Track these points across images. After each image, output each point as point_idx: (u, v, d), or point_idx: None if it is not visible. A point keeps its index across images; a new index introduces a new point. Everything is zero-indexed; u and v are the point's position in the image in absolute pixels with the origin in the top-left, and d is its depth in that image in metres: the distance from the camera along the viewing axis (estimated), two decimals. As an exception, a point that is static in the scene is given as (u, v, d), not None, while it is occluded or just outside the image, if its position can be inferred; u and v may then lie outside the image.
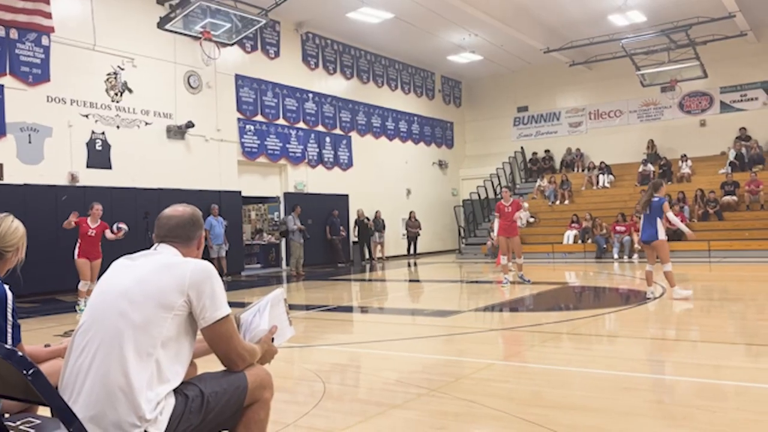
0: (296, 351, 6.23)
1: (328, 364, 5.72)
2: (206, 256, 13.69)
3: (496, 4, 16.87)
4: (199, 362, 2.64)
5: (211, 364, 2.48)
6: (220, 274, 9.39)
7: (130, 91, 13.85)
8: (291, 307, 9.32)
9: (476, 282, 13.09)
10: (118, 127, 13.61)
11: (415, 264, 18.87)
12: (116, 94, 13.61)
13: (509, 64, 22.73)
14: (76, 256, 9.55)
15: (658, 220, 8.54)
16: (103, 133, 13.34)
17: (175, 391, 2.22)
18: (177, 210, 2.54)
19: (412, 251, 21.26)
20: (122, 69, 13.71)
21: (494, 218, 11.50)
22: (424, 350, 6.27)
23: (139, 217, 12.42)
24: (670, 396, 4.27)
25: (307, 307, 9.87)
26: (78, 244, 9.62)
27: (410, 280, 14.93)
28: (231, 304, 2.37)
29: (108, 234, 9.71)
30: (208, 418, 2.28)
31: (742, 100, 20.49)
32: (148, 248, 2.48)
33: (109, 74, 13.50)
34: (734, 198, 17.57)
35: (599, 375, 4.87)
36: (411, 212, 21.41)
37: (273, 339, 2.59)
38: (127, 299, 2.23)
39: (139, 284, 2.26)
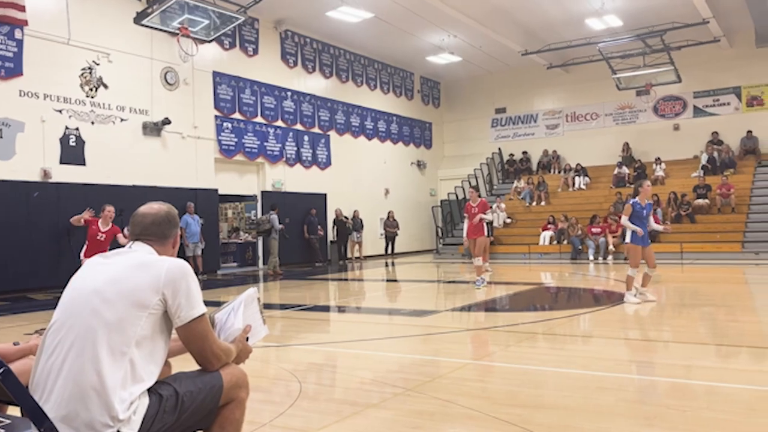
0: (272, 350, 6.21)
1: (305, 364, 5.70)
2: (182, 254, 13.57)
3: (474, 6, 16.97)
4: (174, 361, 2.61)
5: (186, 364, 2.46)
6: (196, 273, 9.29)
7: (106, 86, 13.65)
8: (268, 306, 9.22)
9: (453, 282, 13.15)
10: (92, 123, 13.41)
11: (393, 264, 18.89)
12: (91, 90, 13.41)
13: (488, 65, 22.87)
14: (82, 256, 9.34)
15: (622, 221, 8.69)
16: (77, 129, 13.13)
17: (150, 390, 2.20)
18: (152, 208, 2.52)
19: (389, 251, 21.28)
20: (97, 64, 13.51)
21: (465, 219, 11.35)
22: (400, 350, 6.29)
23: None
24: (642, 395, 4.34)
25: (284, 307, 9.82)
26: (86, 245, 9.41)
27: (387, 280, 14.94)
28: (206, 303, 2.35)
29: (121, 239, 9.22)
30: (183, 417, 2.26)
31: (714, 105, 20.86)
32: (123, 246, 2.45)
33: (83, 69, 13.30)
34: (706, 201, 17.88)
35: (574, 375, 4.92)
36: (389, 212, 21.43)
37: (247, 338, 2.58)
38: (100, 297, 2.21)
39: (113, 283, 2.24)
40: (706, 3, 16.19)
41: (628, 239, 8.60)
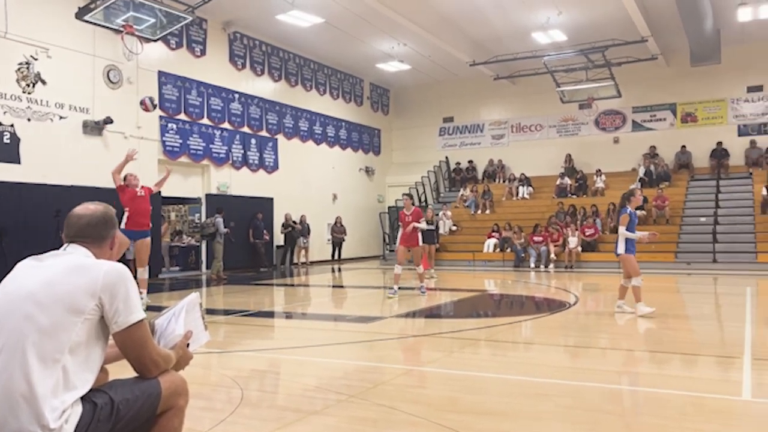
0: (214, 356, 6.09)
1: (247, 370, 5.62)
2: (121, 257, 13.18)
3: (424, 15, 17.16)
4: (113, 367, 2.54)
5: (125, 370, 2.39)
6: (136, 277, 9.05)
7: (44, 82, 13.15)
8: (210, 311, 9.04)
9: (399, 288, 13.18)
10: (29, 119, 12.89)
11: (339, 269, 18.84)
12: (28, 85, 12.90)
13: (436, 74, 23.14)
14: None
15: (620, 232, 8.25)
16: (11, 126, 12.60)
17: (83, 398, 2.14)
18: (88, 208, 2.44)
19: (336, 257, 21.22)
20: (35, 59, 13.00)
21: (400, 228, 11.16)
22: (344, 356, 6.27)
23: (49, 216, 11.82)
24: (580, 401, 4.45)
25: (228, 312, 9.66)
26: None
27: (333, 286, 14.89)
28: (148, 308, 2.29)
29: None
30: (118, 426, 2.20)
31: (651, 120, 21.69)
32: (58, 248, 2.37)
33: (20, 64, 12.78)
34: (643, 212, 18.52)
35: (515, 381, 5.02)
36: (337, 217, 21.38)
37: (188, 344, 2.53)
38: (33, 302, 2.12)
39: (48, 286, 2.16)
40: (645, 22, 16.85)
41: (621, 250, 8.25)
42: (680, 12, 15.91)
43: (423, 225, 11.05)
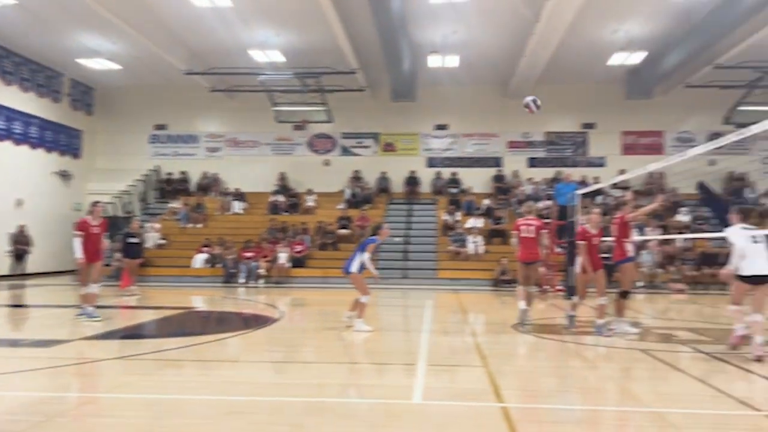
0: None
1: None
2: None
3: (138, 15, 16.14)
4: None
5: None
6: None
7: None
8: None
9: (97, 307, 11.99)
10: None
11: (21, 286, 16.45)
12: None
13: (149, 78, 21.86)
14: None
15: (357, 255, 8.67)
16: None
17: None
18: None
19: (18, 271, 18.50)
20: None
21: (78, 238, 9.42)
22: (16, 387, 5.42)
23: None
24: (276, 417, 4.51)
25: None
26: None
27: (11, 305, 12.92)
28: None
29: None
30: None
31: (358, 147, 23.48)
32: None
33: None
34: (348, 231, 19.88)
35: (215, 401, 4.88)
36: (21, 226, 18.70)
37: None
38: None
39: None
40: (355, 56, 18.25)
41: (355, 269, 8.67)
42: (383, 52, 17.59)
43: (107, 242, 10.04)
